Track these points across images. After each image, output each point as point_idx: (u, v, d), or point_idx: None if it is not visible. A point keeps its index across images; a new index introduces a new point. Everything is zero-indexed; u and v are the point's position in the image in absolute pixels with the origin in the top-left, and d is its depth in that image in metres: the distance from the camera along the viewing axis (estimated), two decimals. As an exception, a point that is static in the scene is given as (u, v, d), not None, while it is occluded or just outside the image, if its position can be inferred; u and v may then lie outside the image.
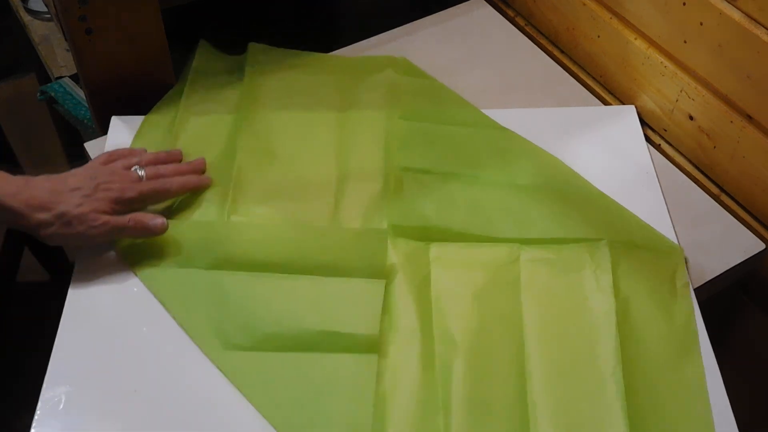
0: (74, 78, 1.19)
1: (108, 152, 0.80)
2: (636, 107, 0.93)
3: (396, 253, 0.76)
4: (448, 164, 0.84)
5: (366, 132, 0.87)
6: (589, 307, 0.73)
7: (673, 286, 0.75)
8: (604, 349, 0.69)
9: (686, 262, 0.78)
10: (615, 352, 0.69)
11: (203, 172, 0.82)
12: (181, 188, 0.78)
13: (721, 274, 0.78)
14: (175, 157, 0.82)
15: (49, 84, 1.19)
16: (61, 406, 0.65)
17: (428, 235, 0.77)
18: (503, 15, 1.07)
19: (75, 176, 0.74)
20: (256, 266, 0.73)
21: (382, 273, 0.73)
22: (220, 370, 0.68)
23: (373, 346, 0.69)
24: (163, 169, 0.79)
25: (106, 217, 0.72)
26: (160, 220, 0.74)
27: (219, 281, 0.73)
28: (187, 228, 0.76)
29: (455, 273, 0.75)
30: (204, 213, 0.78)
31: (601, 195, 0.83)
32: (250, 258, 0.74)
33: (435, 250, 0.76)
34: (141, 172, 0.77)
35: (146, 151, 0.82)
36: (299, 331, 0.69)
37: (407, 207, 0.79)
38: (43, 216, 0.69)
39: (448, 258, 0.76)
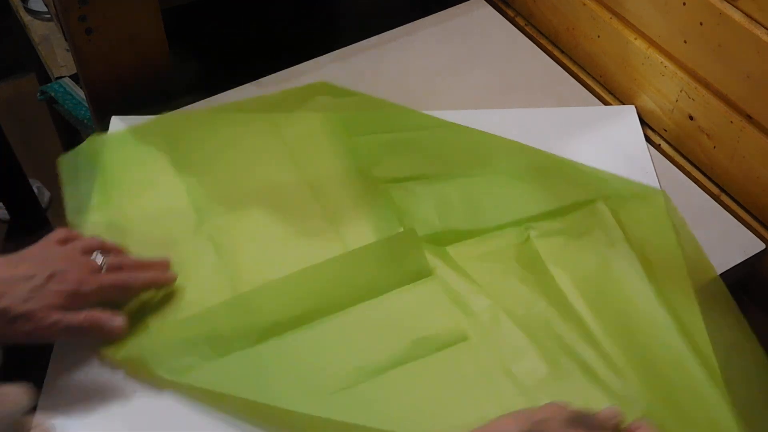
0: (74, 78, 1.19)
1: (66, 229, 0.70)
2: (636, 107, 0.93)
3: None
4: (426, 167, 0.84)
5: (325, 155, 0.84)
6: (613, 264, 0.76)
7: (670, 224, 0.80)
8: (644, 297, 0.73)
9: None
10: (656, 296, 0.72)
11: (168, 266, 0.72)
12: (144, 285, 0.68)
13: (721, 274, 0.78)
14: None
15: (49, 84, 1.19)
16: (61, 409, 0.65)
17: (438, 239, 0.77)
18: (503, 15, 1.07)
19: (27, 261, 0.64)
20: (309, 318, 0.70)
21: (427, 270, 0.74)
22: (337, 418, 0.63)
23: (463, 334, 0.70)
24: (126, 260, 0.69)
25: (57, 315, 0.61)
26: (118, 322, 0.64)
27: (280, 349, 0.68)
28: (212, 315, 0.69)
29: (480, 265, 0.76)
30: (213, 297, 0.71)
31: (571, 162, 0.86)
32: (298, 314, 0.70)
33: (451, 250, 0.77)
34: (101, 260, 0.66)
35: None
36: (387, 352, 0.68)
37: (409, 217, 0.79)
38: None
39: (467, 254, 0.77)
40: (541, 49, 1.03)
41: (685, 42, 0.83)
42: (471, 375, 0.68)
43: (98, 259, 0.67)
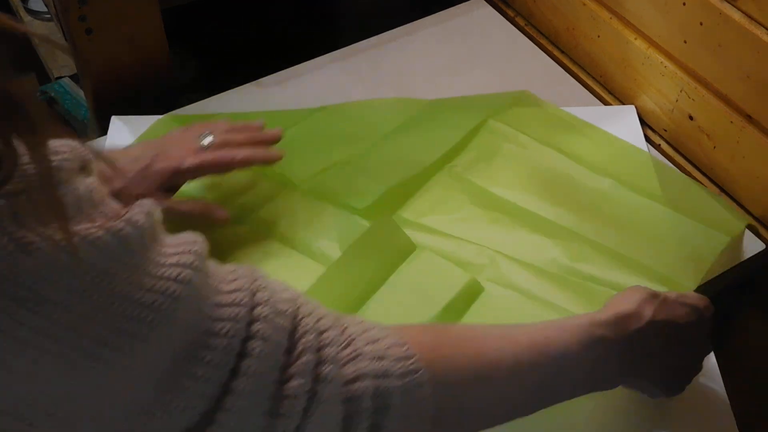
0: (74, 78, 1.19)
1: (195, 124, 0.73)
2: (636, 107, 0.93)
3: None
4: (331, 155, 0.83)
5: (230, 178, 0.80)
6: (541, 164, 0.82)
7: (549, 111, 0.89)
8: (583, 175, 0.82)
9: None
10: (591, 170, 0.82)
11: (277, 140, 0.75)
12: (245, 160, 0.71)
13: (721, 274, 0.78)
14: (252, 128, 0.75)
15: (49, 84, 1.20)
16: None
17: (382, 206, 0.77)
18: (503, 15, 1.07)
19: (140, 145, 0.70)
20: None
21: (412, 245, 0.74)
22: None
23: (477, 286, 0.72)
24: (233, 136, 0.72)
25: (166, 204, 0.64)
26: (224, 213, 0.69)
27: None
28: None
29: (441, 219, 0.78)
30: None
31: (445, 99, 0.90)
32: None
33: (405, 214, 0.78)
34: (206, 141, 0.70)
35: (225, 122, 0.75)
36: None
37: (347, 197, 0.78)
38: None
39: (419, 214, 0.78)
40: (541, 49, 1.03)
41: (685, 42, 0.83)
42: (511, 319, 0.69)
43: (205, 140, 0.70)
